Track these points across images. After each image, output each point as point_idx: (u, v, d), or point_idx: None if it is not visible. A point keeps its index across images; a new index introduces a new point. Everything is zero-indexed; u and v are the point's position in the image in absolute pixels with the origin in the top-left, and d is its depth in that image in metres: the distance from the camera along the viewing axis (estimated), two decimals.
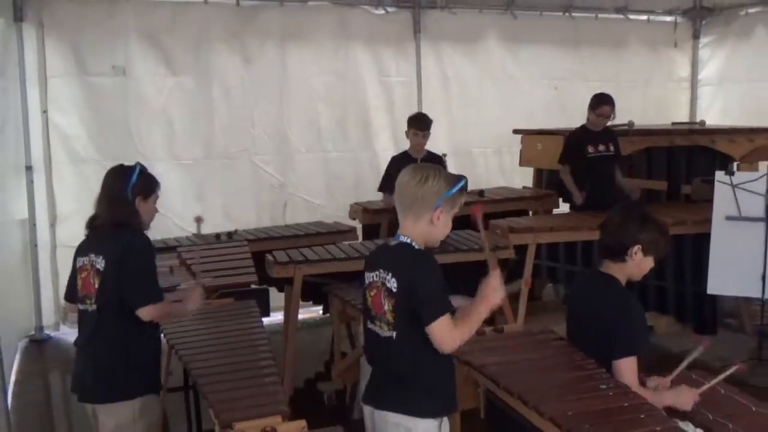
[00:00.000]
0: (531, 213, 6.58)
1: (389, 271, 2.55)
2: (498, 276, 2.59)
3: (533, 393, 2.77)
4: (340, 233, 5.72)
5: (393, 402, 2.58)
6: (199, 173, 6.80)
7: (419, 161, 5.49)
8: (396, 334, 2.54)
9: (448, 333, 2.46)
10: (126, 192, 3.09)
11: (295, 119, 7.15)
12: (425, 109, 7.01)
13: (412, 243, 2.57)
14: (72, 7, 6.27)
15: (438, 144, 6.54)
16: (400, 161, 5.51)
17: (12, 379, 5.28)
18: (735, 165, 6.75)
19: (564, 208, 6.59)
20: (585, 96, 6.19)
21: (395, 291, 2.52)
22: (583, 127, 6.11)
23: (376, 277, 2.60)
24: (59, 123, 6.32)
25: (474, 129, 7.85)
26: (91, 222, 3.16)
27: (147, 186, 3.18)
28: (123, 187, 3.09)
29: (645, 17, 8.69)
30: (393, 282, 2.53)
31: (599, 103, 5.93)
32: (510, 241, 5.26)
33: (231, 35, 6.85)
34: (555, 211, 6.66)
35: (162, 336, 3.38)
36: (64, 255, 5.96)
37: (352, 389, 4.96)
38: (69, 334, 5.70)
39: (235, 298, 4.04)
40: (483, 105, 7.88)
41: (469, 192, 6.58)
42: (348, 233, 5.77)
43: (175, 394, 4.28)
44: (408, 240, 2.57)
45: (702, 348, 3.07)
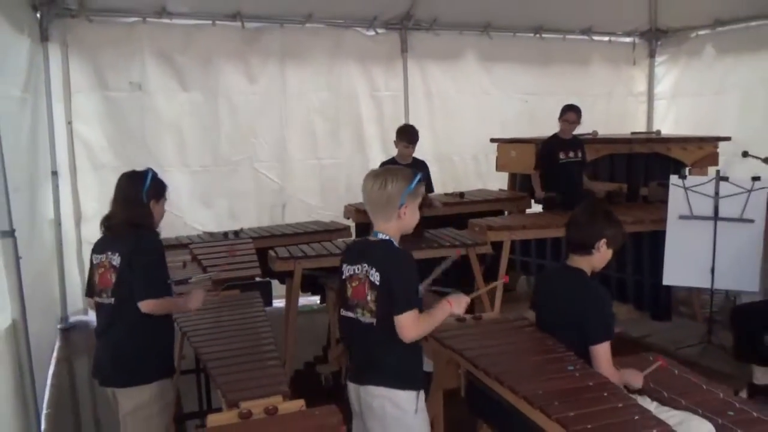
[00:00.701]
0: (506, 213, 6.58)
1: (372, 266, 2.60)
2: (467, 301, 2.77)
3: (508, 374, 2.78)
4: (335, 231, 5.70)
5: (376, 378, 2.63)
6: (207, 178, 6.82)
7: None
8: (377, 321, 2.59)
9: (412, 325, 2.55)
10: (141, 195, 3.07)
11: (294, 130, 7.14)
12: (411, 121, 7.02)
13: (391, 239, 2.63)
14: (93, 29, 6.26)
15: (423, 151, 6.51)
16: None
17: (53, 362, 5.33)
18: (687, 170, 6.80)
19: (536, 208, 6.60)
20: (553, 108, 6.20)
21: (378, 284, 2.57)
22: (555, 136, 6.14)
23: (358, 270, 2.64)
24: (82, 133, 6.33)
25: (455, 138, 7.86)
26: (106, 222, 3.12)
27: (159, 189, 3.16)
28: (138, 191, 3.07)
29: (607, 38, 8.73)
30: (376, 276, 2.58)
31: (566, 110, 6.03)
32: (488, 238, 5.30)
33: (236, 54, 6.84)
34: (528, 211, 6.66)
35: (175, 324, 3.36)
36: (88, 251, 5.86)
37: (347, 371, 4.92)
38: (93, 323, 5.68)
39: (241, 289, 4.02)
40: (462, 116, 7.88)
41: (451, 194, 6.66)
42: (343, 231, 5.75)
43: (188, 376, 4.25)
44: (386, 237, 2.63)
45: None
